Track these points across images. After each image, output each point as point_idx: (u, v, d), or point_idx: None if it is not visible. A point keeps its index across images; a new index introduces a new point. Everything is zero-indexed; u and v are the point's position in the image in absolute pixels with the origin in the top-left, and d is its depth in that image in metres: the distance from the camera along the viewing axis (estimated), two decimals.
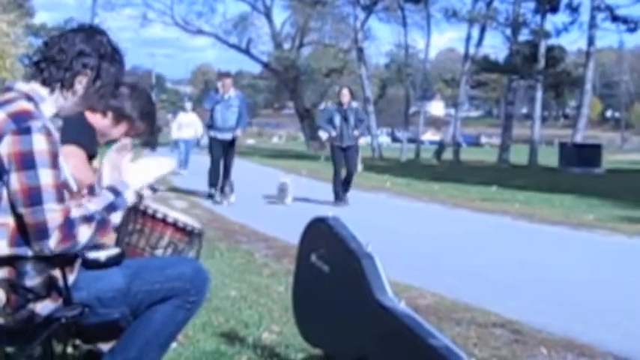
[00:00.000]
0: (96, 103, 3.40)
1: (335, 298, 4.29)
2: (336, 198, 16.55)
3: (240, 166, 19.02)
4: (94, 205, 3.11)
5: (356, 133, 16.82)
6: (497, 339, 5.76)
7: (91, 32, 3.22)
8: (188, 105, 27.98)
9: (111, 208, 3.16)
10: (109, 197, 3.18)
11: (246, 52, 59.49)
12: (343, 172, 16.77)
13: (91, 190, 3.31)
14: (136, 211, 3.64)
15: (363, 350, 4.15)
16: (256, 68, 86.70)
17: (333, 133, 16.61)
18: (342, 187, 16.72)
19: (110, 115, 4.01)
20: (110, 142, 4.13)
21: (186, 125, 26.32)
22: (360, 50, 52.66)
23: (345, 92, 17.07)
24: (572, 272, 9.19)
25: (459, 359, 3.59)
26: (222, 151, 16.77)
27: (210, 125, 17.04)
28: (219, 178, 16.68)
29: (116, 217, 3.18)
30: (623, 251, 11.13)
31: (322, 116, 18.76)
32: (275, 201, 15.99)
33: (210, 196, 16.64)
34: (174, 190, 18.11)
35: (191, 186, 18.75)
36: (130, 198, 3.25)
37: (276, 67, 60.85)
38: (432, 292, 7.34)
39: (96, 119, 3.97)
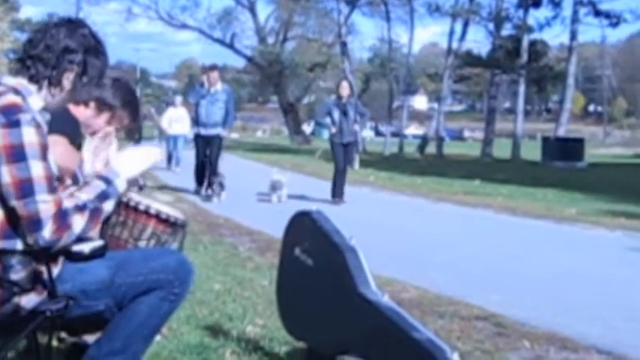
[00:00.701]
0: (83, 96, 3.42)
1: (319, 292, 4.31)
2: (334, 196, 15.59)
3: (225, 160, 18.85)
4: (85, 195, 3.12)
5: (356, 127, 16.11)
6: (480, 332, 5.78)
7: (73, 26, 3.22)
8: (178, 99, 26.64)
9: (103, 196, 3.17)
10: (101, 186, 3.19)
11: (231, 46, 59.45)
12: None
13: (74, 179, 3.32)
14: (119, 203, 3.64)
15: (347, 343, 4.17)
16: (240, 62, 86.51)
17: (333, 129, 15.81)
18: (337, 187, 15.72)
19: (92, 105, 4.01)
20: (94, 134, 4.14)
21: (176, 120, 25.21)
22: (344, 45, 52.63)
23: (345, 85, 16.23)
24: (554, 266, 9.22)
25: (442, 352, 3.61)
26: (206, 148, 16.20)
27: (195, 120, 16.49)
28: (204, 176, 16.21)
29: (109, 205, 3.19)
30: (605, 245, 11.17)
31: (319, 110, 17.62)
32: (267, 199, 15.19)
33: (197, 193, 16.20)
34: (164, 187, 17.72)
35: (180, 183, 18.28)
36: (121, 186, 3.26)
37: (260, 62, 60.84)
38: (416, 286, 7.36)
39: (78, 110, 3.97)
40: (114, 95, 4.00)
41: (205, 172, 16.21)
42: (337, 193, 15.59)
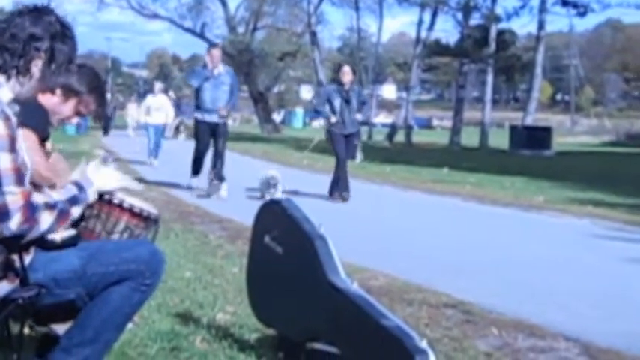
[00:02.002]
0: (53, 82, 3.42)
1: (288, 279, 4.35)
2: (332, 193, 14.27)
3: (185, 148, 18.66)
4: (57, 195, 3.16)
5: (358, 117, 14.62)
6: (448, 319, 5.82)
7: (39, 13, 3.20)
8: (157, 86, 24.84)
9: (73, 201, 3.20)
10: (73, 190, 3.24)
11: (201, 36, 59.08)
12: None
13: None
14: None
15: (316, 330, 4.21)
16: None
17: (333, 119, 14.25)
18: (338, 182, 14.26)
19: (59, 92, 4.00)
20: (64, 122, 4.15)
21: (156, 109, 23.30)
22: (314, 34, 52.68)
23: (347, 70, 14.52)
24: (522, 253, 9.28)
25: (411, 339, 3.65)
26: (210, 136, 14.54)
27: (197, 106, 14.68)
28: (201, 168, 14.84)
29: (76, 211, 3.23)
30: (572, 232, 11.24)
31: (319, 98, 16.29)
32: (257, 195, 13.72)
33: (190, 188, 14.66)
34: (141, 181, 16.17)
35: (160, 177, 17.10)
36: (92, 196, 3.31)
37: (230, 51, 60.47)
38: (385, 274, 7.39)
39: (45, 98, 3.96)
40: (80, 81, 3.99)
41: (202, 163, 14.85)
42: (342, 187, 14.19)
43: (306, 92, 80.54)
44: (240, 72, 65.19)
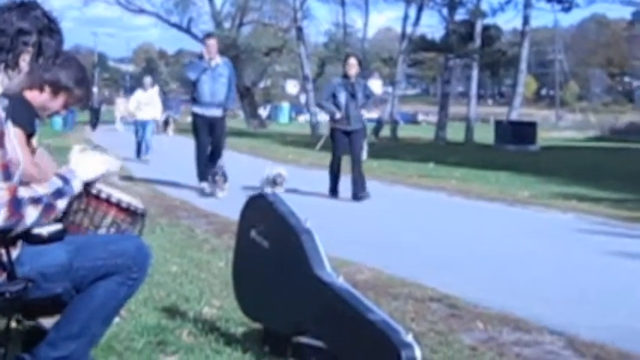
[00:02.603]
0: (40, 77, 3.43)
1: (274, 273, 4.36)
2: (332, 193, 13.73)
3: (182, 144, 18.57)
4: (42, 189, 3.16)
5: (364, 112, 13.97)
6: (433, 313, 5.84)
7: (26, 8, 3.20)
8: (147, 80, 23.62)
9: (59, 194, 3.21)
10: (58, 183, 3.24)
11: (187, 31, 58.97)
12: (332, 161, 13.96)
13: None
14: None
15: (302, 324, 4.23)
16: (197, 47, 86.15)
17: (338, 115, 13.54)
18: (352, 183, 13.56)
19: (47, 89, 4.01)
20: (52, 115, 4.17)
21: (146, 104, 22.40)
22: (300, 29, 52.64)
23: (353, 62, 13.81)
24: (507, 248, 9.32)
25: (397, 333, 3.68)
26: (209, 132, 13.98)
27: (194, 100, 14.06)
28: (204, 164, 13.88)
29: (62, 204, 3.23)
30: (557, 227, 11.28)
31: (323, 92, 15.07)
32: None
33: (203, 190, 13.52)
34: (130, 179, 15.57)
35: (152, 174, 16.65)
36: (77, 187, 3.31)
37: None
38: (370, 268, 7.42)
39: (34, 95, 3.97)
40: (67, 76, 4.00)
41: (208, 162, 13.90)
42: (357, 188, 13.44)
43: (292, 87, 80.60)
44: None
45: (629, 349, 5.07)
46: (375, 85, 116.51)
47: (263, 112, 70.91)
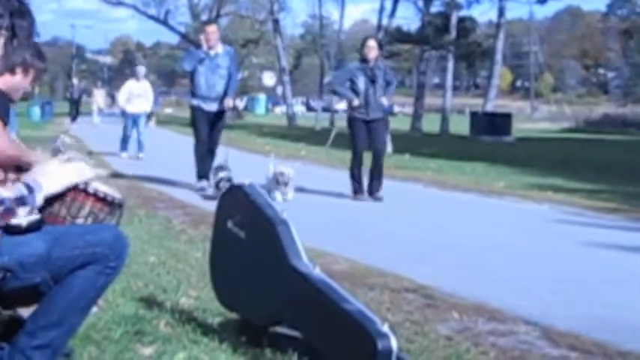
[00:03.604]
0: (11, 61, 3.42)
1: (251, 264, 4.37)
2: (356, 190, 12.64)
3: (160, 135, 18.41)
4: (7, 192, 3.16)
5: (384, 100, 12.61)
6: (409, 303, 5.85)
7: None
8: (141, 69, 21.81)
9: (21, 201, 3.20)
10: (23, 191, 3.23)
11: (165, 23, 58.80)
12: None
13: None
14: None
15: (279, 314, 4.24)
16: (174, 39, 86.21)
17: (356, 102, 12.43)
18: (369, 179, 12.62)
19: (19, 70, 4.01)
20: (24, 98, 4.17)
21: (137, 96, 20.69)
22: (276, 21, 52.63)
23: (372, 44, 12.66)
24: (483, 239, 9.36)
25: (373, 323, 3.70)
26: (208, 125, 12.98)
27: (192, 92, 13.07)
28: (210, 164, 12.93)
29: (22, 212, 3.22)
30: (532, 218, 11.33)
31: (339, 77, 13.91)
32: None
33: (202, 190, 12.55)
34: (118, 175, 14.39)
35: (147, 171, 15.57)
36: (39, 200, 3.30)
37: (194, 38, 60.36)
38: (346, 258, 7.45)
39: (5, 80, 3.96)
40: (31, 54, 4.00)
41: (209, 159, 13.01)
42: (373, 187, 12.50)
43: (269, 79, 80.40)
44: None
45: (604, 338, 5.09)
46: None
47: (240, 103, 70.81)
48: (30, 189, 3.26)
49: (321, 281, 4.06)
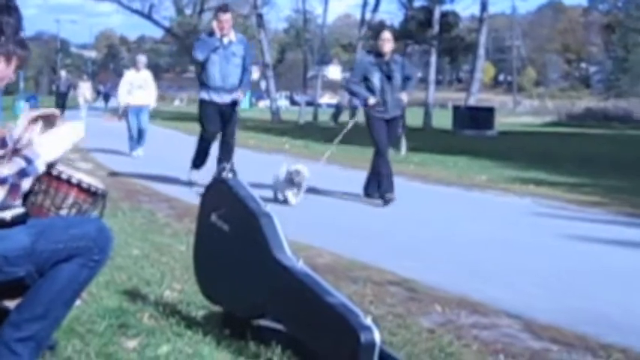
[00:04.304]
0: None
1: (235, 257, 4.38)
2: (367, 192, 11.86)
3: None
4: (7, 170, 3.17)
5: (403, 97, 11.55)
6: (392, 297, 5.88)
7: None
8: (141, 58, 19.93)
9: (22, 174, 3.22)
10: (22, 164, 3.25)
11: (149, 17, 58.68)
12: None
13: (2, 143, 3.35)
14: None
15: (262, 307, 4.26)
16: (158, 33, 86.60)
17: (372, 100, 11.38)
18: (370, 179, 11.93)
19: (1, 59, 4.01)
20: (9, 92, 4.16)
21: (139, 87, 19.03)
22: (260, 16, 52.57)
23: (387, 36, 11.57)
24: (465, 232, 9.39)
25: (356, 316, 3.72)
26: (220, 121, 12.13)
27: (202, 83, 12.22)
28: (206, 159, 12.43)
29: (26, 184, 3.25)
30: (515, 211, 11.36)
31: (353, 74, 12.32)
32: (274, 197, 11.02)
33: (191, 184, 12.05)
34: (115, 174, 13.99)
35: (145, 168, 14.73)
36: (40, 167, 3.32)
37: (178, 32, 60.37)
38: (330, 251, 7.47)
39: None
40: (14, 43, 3.99)
41: (208, 154, 12.48)
42: (386, 185, 11.49)
43: (253, 73, 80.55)
44: (188, 53, 64.87)
45: (586, 331, 5.13)
46: (334, 70, 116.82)
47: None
48: (28, 160, 3.27)
49: (304, 274, 4.07)
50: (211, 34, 12.13)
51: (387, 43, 11.45)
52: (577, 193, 13.51)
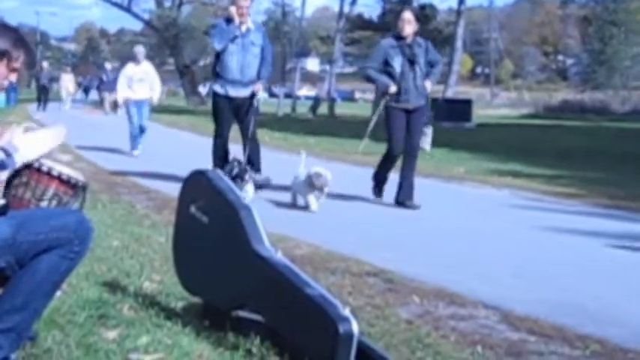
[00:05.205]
0: None
1: (214, 248, 4.39)
2: (377, 191, 10.92)
3: (123, 123, 18.18)
4: None
5: (427, 85, 10.41)
6: (370, 288, 5.90)
7: None
8: (140, 49, 18.14)
9: (1, 166, 3.23)
10: (1, 155, 3.26)
11: (128, 10, 58.54)
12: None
13: None
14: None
15: (241, 299, 4.27)
16: (138, 26, 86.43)
17: (393, 89, 10.23)
18: (400, 182, 10.59)
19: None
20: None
21: (139, 81, 17.42)
22: None
23: (408, 16, 10.38)
24: (443, 223, 9.42)
25: (334, 307, 3.74)
26: (234, 116, 11.24)
27: (217, 75, 11.21)
28: (228, 157, 11.12)
29: (3, 175, 3.26)
30: (492, 203, 11.41)
31: (371, 58, 10.83)
32: (291, 201, 10.30)
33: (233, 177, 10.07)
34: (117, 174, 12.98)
35: (145, 167, 13.80)
36: (18, 161, 3.33)
37: (157, 25, 60.30)
38: (308, 243, 7.49)
39: None
40: (2, 40, 3.98)
41: (228, 152, 11.36)
42: (404, 193, 10.46)
43: None
44: (167, 45, 65.04)
45: (563, 322, 5.16)
46: (313, 63, 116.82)
47: (203, 89, 70.65)
48: (7, 153, 3.29)
49: (283, 266, 4.09)
50: (228, 20, 11.10)
51: (408, 24, 10.32)
52: (554, 184, 13.59)
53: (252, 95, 11.14)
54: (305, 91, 77.86)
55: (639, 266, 7.43)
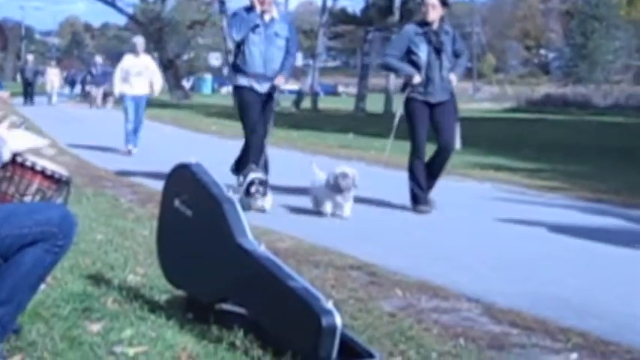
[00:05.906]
0: None
1: (197, 242, 4.41)
2: (415, 200, 9.74)
3: (109, 117, 18.12)
4: None
5: (453, 78, 9.61)
6: (354, 281, 5.91)
7: None
8: (139, 41, 16.96)
9: None
10: None
11: (113, 4, 58.35)
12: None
13: None
14: None
15: (225, 292, 4.29)
16: (122, 20, 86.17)
17: (417, 79, 9.40)
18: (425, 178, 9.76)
19: None
20: None
21: (137, 74, 16.26)
22: (222, 3, 52.28)
23: (433, 1, 9.35)
24: (426, 217, 9.46)
25: (317, 300, 3.76)
26: (261, 111, 9.97)
27: (238, 68, 10.14)
28: (261, 158, 9.93)
29: None
30: (475, 196, 11.46)
31: (392, 46, 10.02)
32: (313, 206, 9.37)
33: (249, 193, 9.03)
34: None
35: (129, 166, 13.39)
36: (6, 154, 3.34)
37: (142, 19, 60.16)
38: (291, 236, 7.51)
39: None
40: None
41: (263, 149, 10.13)
42: (421, 195, 9.72)
43: (215, 60, 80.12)
44: (151, 40, 64.71)
45: (545, 315, 5.19)
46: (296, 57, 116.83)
47: (186, 83, 70.56)
48: None
49: (266, 259, 4.11)
50: (249, 8, 9.99)
51: (432, 9, 9.36)
52: (536, 178, 13.64)
53: (273, 88, 10.10)
54: (288, 84, 77.88)
55: (621, 259, 7.46)
